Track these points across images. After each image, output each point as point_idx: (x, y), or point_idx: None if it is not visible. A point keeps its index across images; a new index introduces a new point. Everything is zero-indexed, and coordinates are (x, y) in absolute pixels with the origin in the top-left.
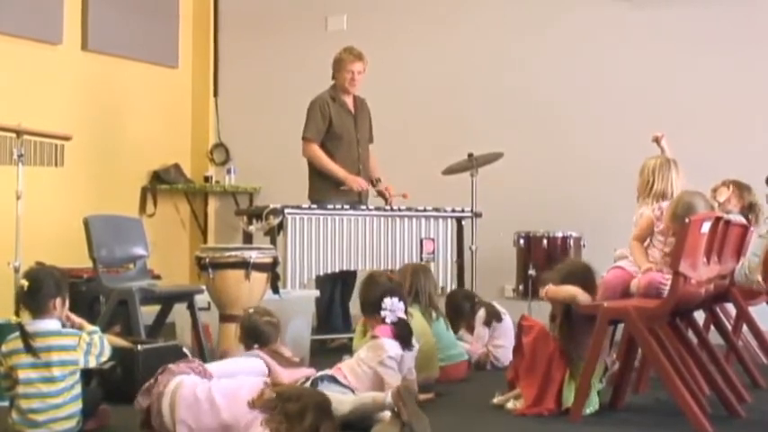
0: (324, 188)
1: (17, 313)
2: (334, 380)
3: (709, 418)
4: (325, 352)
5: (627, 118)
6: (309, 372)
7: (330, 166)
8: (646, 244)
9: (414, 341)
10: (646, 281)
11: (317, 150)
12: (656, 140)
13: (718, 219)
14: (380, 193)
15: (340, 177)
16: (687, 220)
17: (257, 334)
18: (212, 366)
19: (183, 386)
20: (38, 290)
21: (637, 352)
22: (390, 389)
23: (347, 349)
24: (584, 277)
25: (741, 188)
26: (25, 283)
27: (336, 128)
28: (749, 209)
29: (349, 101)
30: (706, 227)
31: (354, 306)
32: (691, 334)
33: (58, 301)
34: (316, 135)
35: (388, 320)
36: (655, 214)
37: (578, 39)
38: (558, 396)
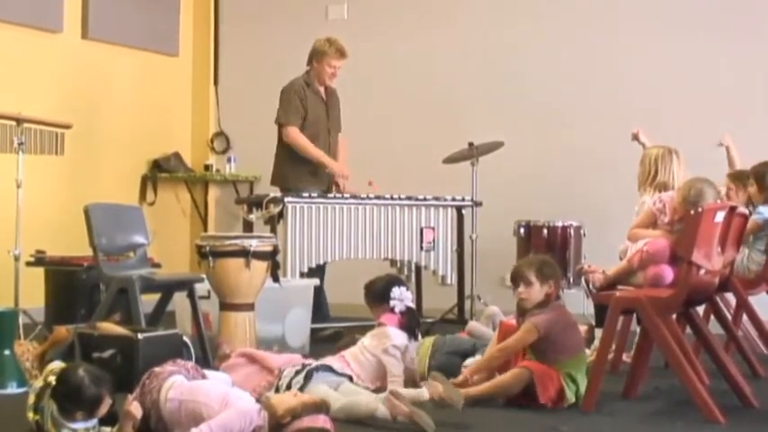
0: (295, 176)
1: None
2: (329, 369)
3: (719, 407)
4: (323, 340)
5: (627, 107)
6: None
7: (315, 151)
8: None
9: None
10: (652, 273)
11: (300, 135)
12: (635, 137)
13: (732, 209)
14: (336, 184)
15: (325, 163)
16: (699, 209)
17: None
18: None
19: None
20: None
21: (652, 342)
22: (383, 398)
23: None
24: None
25: (740, 179)
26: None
27: (310, 116)
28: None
29: (321, 89)
30: (720, 216)
31: (355, 296)
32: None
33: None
34: (296, 120)
35: (397, 310)
36: (657, 207)
37: (579, 26)
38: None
